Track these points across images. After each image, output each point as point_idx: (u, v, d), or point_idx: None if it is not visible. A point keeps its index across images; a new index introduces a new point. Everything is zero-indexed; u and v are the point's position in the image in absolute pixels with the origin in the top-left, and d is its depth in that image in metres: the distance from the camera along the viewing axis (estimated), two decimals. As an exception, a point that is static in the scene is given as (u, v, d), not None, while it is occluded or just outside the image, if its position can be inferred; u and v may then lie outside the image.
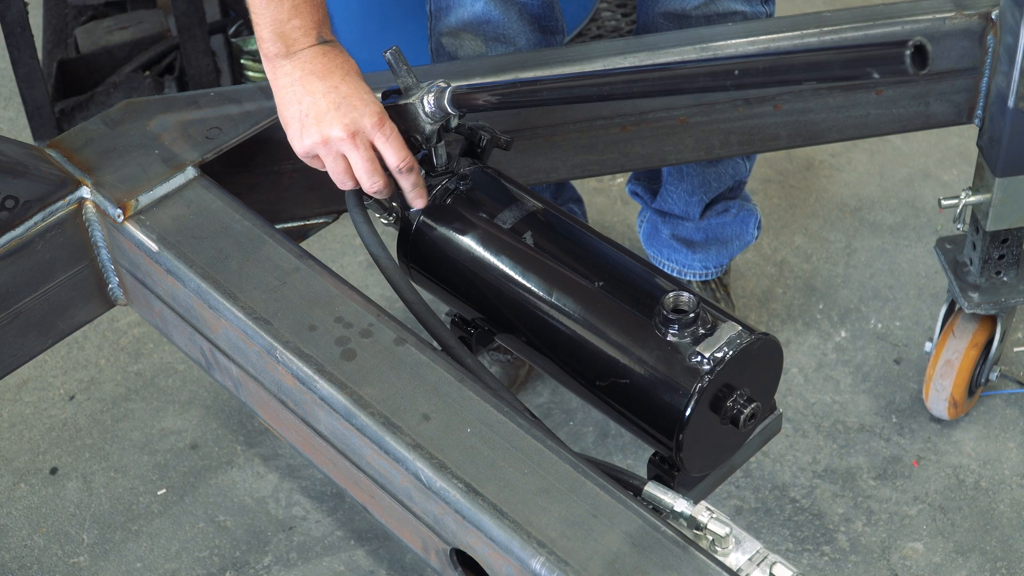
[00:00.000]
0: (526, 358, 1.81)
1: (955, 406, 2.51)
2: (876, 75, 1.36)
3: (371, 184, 1.74)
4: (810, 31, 2.08)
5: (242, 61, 3.20)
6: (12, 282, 1.79)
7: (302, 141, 1.73)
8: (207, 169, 1.86)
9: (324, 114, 1.71)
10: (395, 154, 1.72)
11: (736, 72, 1.49)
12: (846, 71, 1.41)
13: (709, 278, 2.71)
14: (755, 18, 2.37)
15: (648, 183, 2.67)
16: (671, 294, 1.59)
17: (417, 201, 1.78)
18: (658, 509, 1.53)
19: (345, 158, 1.73)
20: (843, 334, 2.74)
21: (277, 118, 1.92)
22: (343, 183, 1.76)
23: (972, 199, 2.24)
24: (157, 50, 3.27)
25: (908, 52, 1.32)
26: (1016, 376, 2.63)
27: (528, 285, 1.70)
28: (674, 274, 2.65)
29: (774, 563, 1.47)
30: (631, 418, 1.64)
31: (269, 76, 1.75)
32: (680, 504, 1.52)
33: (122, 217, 1.79)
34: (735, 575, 1.44)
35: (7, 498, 2.50)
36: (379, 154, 1.73)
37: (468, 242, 1.75)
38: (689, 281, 2.69)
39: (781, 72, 1.44)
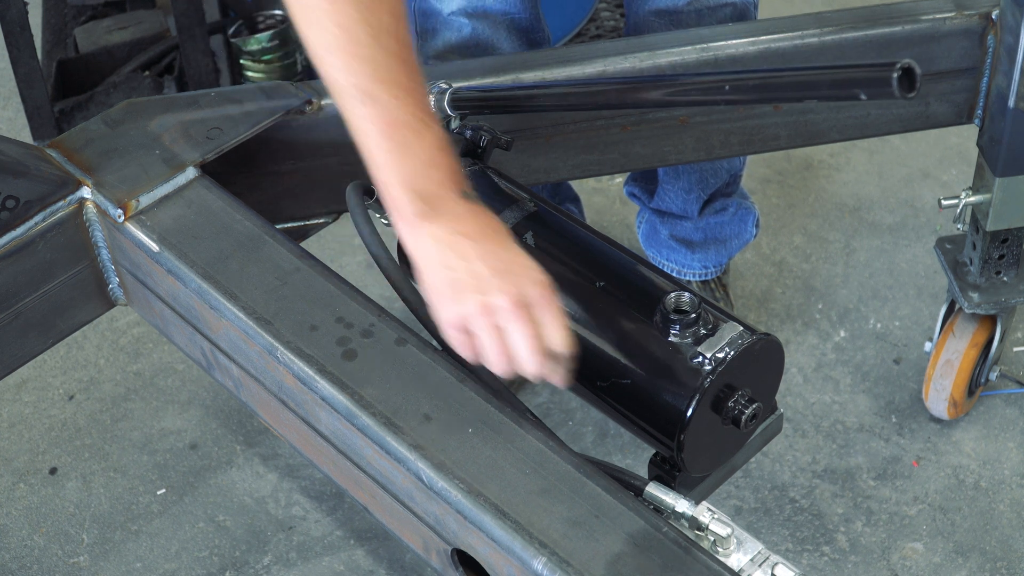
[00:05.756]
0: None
1: (955, 406, 2.51)
2: (863, 96, 1.37)
3: (533, 365, 1.49)
4: (810, 31, 2.08)
5: (241, 61, 3.20)
6: (12, 282, 1.79)
7: (454, 308, 1.49)
8: (207, 169, 1.86)
9: (484, 280, 1.47)
10: (559, 332, 1.49)
11: (727, 88, 1.50)
12: (834, 91, 1.42)
13: (708, 278, 2.71)
14: (745, 9, 2.37)
15: (645, 183, 2.67)
16: (672, 294, 1.59)
17: (556, 379, 1.53)
18: (659, 510, 1.53)
19: (501, 332, 1.49)
20: (842, 334, 2.74)
21: (278, 118, 1.92)
22: (497, 363, 1.50)
23: (972, 199, 2.24)
24: (156, 50, 3.27)
25: (895, 75, 1.32)
26: (1016, 376, 2.63)
27: (529, 285, 1.70)
28: (673, 274, 2.65)
29: (775, 564, 1.47)
30: (632, 418, 1.63)
31: (405, 235, 1.51)
32: (681, 505, 1.52)
33: (123, 217, 1.79)
34: (736, 576, 1.44)
35: (7, 498, 2.50)
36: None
37: (469, 242, 1.75)
38: (689, 281, 2.69)
39: (770, 90, 1.46)
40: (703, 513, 1.51)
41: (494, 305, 1.46)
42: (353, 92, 1.46)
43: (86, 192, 1.82)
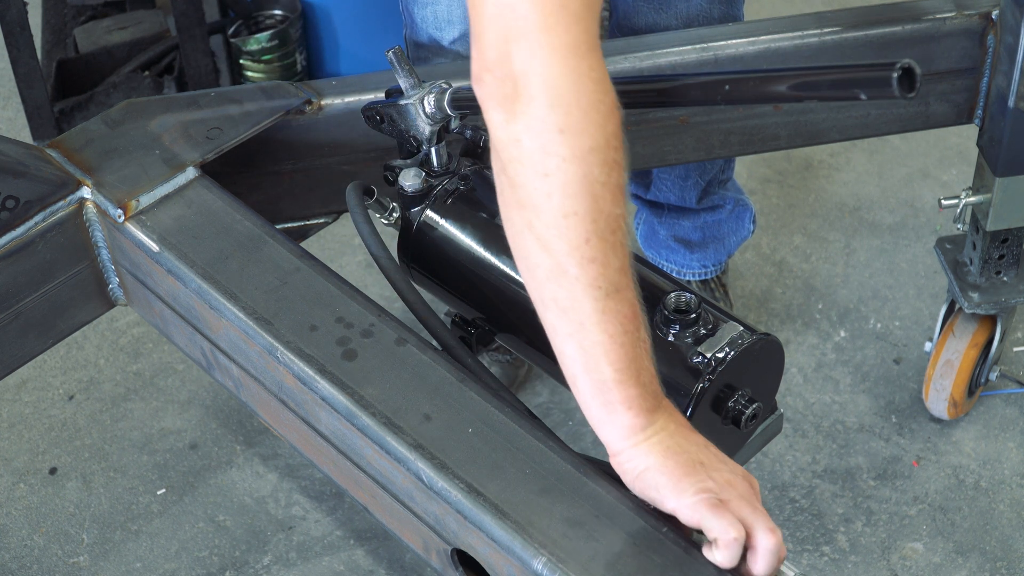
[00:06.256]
0: (526, 358, 1.81)
1: (955, 406, 2.51)
2: (863, 96, 1.37)
3: (778, 543, 1.39)
4: (810, 31, 2.08)
5: (241, 61, 3.20)
6: (12, 282, 1.79)
7: (705, 482, 1.39)
8: (207, 169, 1.86)
9: (718, 461, 1.42)
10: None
11: (727, 87, 1.49)
12: (834, 91, 1.42)
13: (708, 277, 2.71)
14: None
15: (640, 177, 2.67)
16: (672, 294, 1.59)
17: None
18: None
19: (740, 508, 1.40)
20: (842, 334, 2.74)
21: (278, 118, 1.92)
22: (768, 527, 1.38)
23: (972, 199, 2.24)
24: (156, 50, 3.27)
25: (895, 75, 1.32)
26: (1016, 376, 2.63)
27: (529, 285, 1.70)
28: (673, 274, 2.65)
29: (776, 563, 1.47)
30: (632, 418, 1.63)
31: (625, 439, 1.41)
32: (682, 504, 1.52)
33: (123, 217, 1.79)
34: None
35: (7, 498, 2.50)
36: None
37: (469, 242, 1.75)
38: (688, 281, 2.69)
39: (770, 90, 1.46)
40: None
41: (736, 482, 1.41)
42: (603, 286, 1.37)
43: (86, 192, 1.82)
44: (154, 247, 1.76)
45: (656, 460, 1.40)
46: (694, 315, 1.58)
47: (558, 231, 1.35)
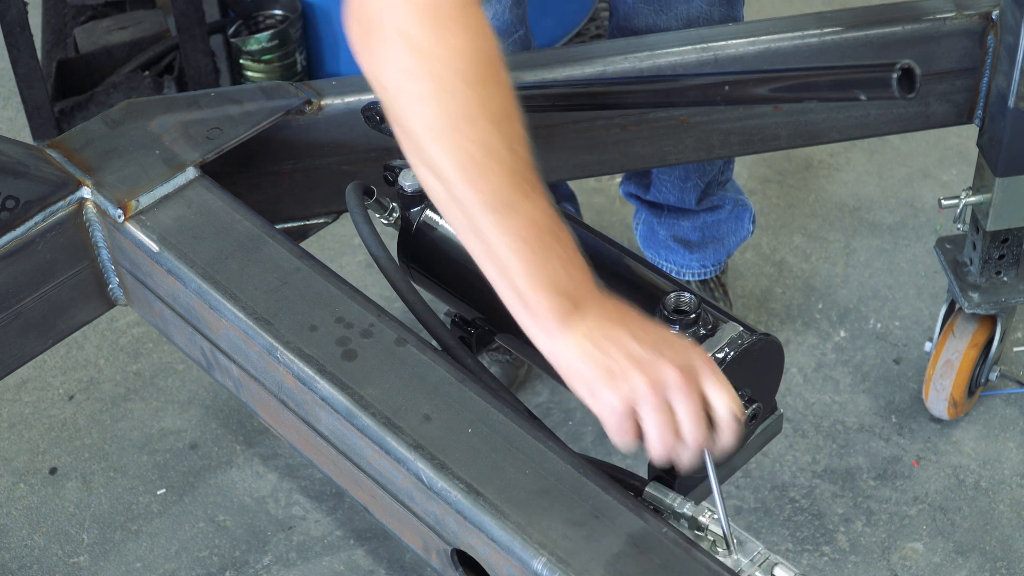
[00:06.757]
0: (526, 358, 1.81)
1: (955, 406, 2.51)
2: (863, 97, 1.37)
3: (698, 437, 1.42)
4: (810, 31, 2.08)
5: (241, 61, 3.20)
6: (12, 282, 1.79)
7: (621, 391, 1.40)
8: (207, 169, 1.86)
9: (644, 357, 1.40)
10: (733, 397, 1.43)
11: (727, 88, 1.50)
12: (834, 92, 1.43)
13: (707, 277, 2.71)
14: None
15: (640, 178, 2.67)
16: (672, 295, 1.59)
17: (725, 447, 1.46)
18: (659, 510, 1.53)
19: (670, 408, 1.42)
20: (842, 334, 2.74)
21: (278, 118, 1.92)
22: (665, 442, 1.42)
23: (972, 199, 2.24)
24: (156, 50, 3.27)
25: (895, 75, 1.33)
26: (1016, 376, 2.63)
27: (529, 285, 1.70)
28: (672, 274, 2.65)
29: (775, 564, 1.47)
30: (632, 419, 1.63)
31: (549, 337, 1.43)
32: (681, 505, 1.52)
33: (123, 217, 1.79)
34: (736, 576, 1.44)
35: (7, 498, 2.50)
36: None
37: (469, 242, 1.75)
38: (688, 281, 2.69)
39: (770, 90, 1.46)
40: (703, 513, 1.51)
41: (662, 379, 1.40)
42: (492, 204, 1.40)
43: (86, 192, 1.82)
44: (154, 247, 1.76)
45: (575, 364, 1.43)
46: (694, 315, 1.58)
47: (439, 162, 1.40)
